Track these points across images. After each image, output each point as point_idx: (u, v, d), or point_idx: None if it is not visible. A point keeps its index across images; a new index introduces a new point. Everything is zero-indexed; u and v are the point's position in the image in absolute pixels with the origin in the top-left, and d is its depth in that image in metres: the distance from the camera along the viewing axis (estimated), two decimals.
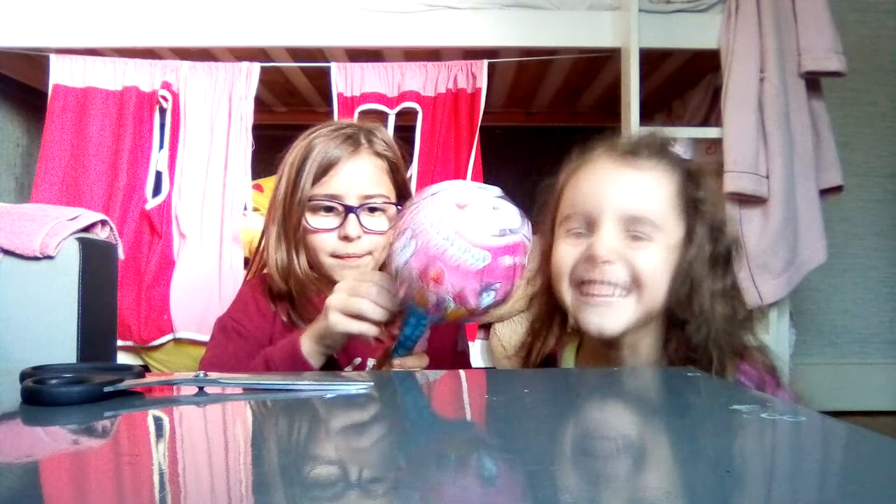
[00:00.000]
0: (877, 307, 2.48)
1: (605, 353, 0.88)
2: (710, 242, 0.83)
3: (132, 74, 1.93)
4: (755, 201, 1.74)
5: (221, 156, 1.88)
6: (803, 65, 1.80)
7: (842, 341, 2.42)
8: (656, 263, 0.81)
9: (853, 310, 2.46)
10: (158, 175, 1.92)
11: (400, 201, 1.06)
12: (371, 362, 0.97)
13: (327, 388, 0.63)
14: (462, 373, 0.79)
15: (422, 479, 0.39)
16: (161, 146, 1.93)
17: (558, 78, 2.26)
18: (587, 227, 0.83)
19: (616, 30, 1.85)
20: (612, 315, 0.82)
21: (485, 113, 1.92)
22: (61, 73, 1.91)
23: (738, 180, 1.72)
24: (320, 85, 2.17)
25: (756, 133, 1.75)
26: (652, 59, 1.90)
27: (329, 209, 1.01)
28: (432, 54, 1.98)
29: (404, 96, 1.94)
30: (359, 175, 1.01)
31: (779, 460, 0.45)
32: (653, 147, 0.86)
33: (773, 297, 1.73)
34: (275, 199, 1.04)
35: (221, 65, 1.93)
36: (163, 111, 1.93)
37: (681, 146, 0.89)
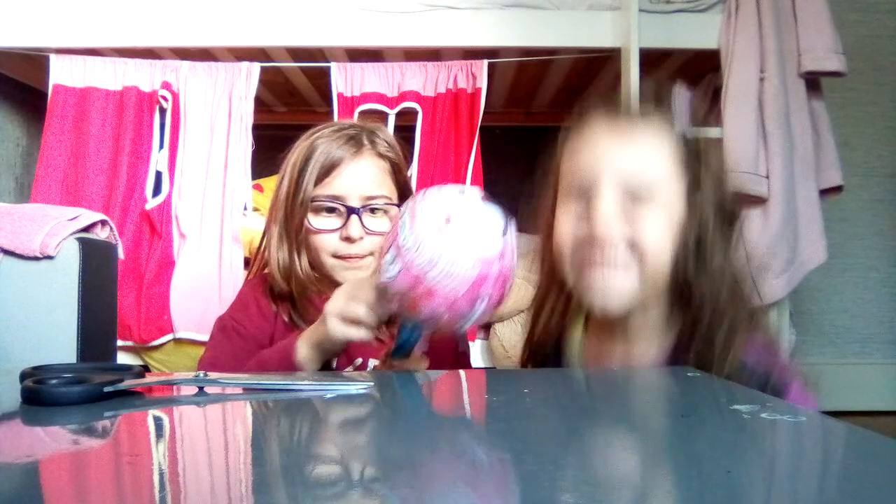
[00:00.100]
0: (877, 307, 2.48)
1: (611, 328, 0.86)
2: (714, 201, 0.81)
3: (132, 74, 1.93)
4: (755, 201, 1.74)
5: (221, 156, 1.88)
6: (803, 65, 1.80)
7: (842, 341, 2.42)
8: (659, 227, 0.79)
9: (853, 310, 2.46)
10: (158, 175, 1.92)
11: (402, 202, 1.06)
12: (372, 363, 0.97)
13: (327, 388, 0.63)
14: (462, 373, 0.79)
15: (422, 479, 0.39)
16: (161, 146, 1.93)
17: (558, 78, 2.25)
18: (587, 193, 0.81)
19: (616, 30, 1.85)
20: (616, 290, 0.79)
21: (485, 113, 1.92)
22: (61, 73, 1.91)
23: (737, 180, 1.72)
24: (320, 85, 2.17)
25: (756, 133, 1.75)
26: (652, 59, 1.90)
27: (331, 210, 1.01)
28: (432, 54, 1.98)
29: (404, 96, 1.94)
30: (361, 176, 1.01)
31: (779, 460, 0.45)
32: (650, 106, 0.83)
33: (773, 297, 1.73)
34: (276, 200, 1.04)
35: (221, 65, 1.93)
36: (163, 111, 1.93)
37: (682, 90, 0.85)
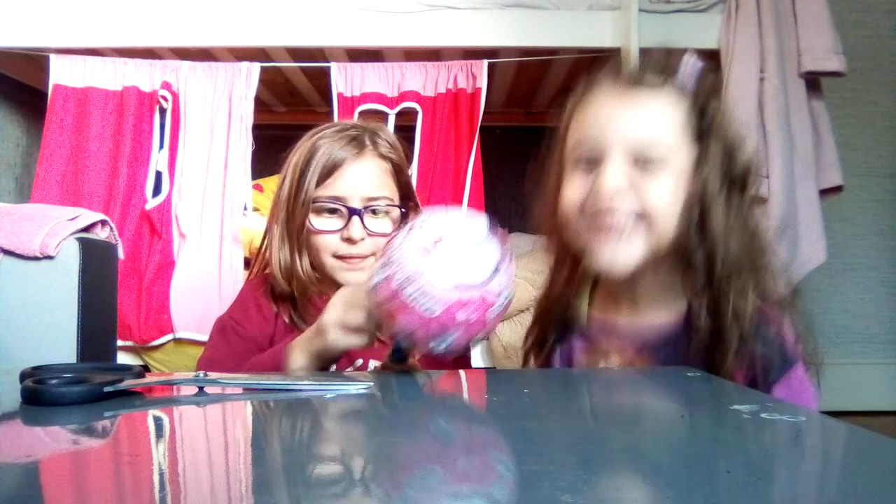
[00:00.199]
0: (877, 307, 2.48)
1: (616, 296, 0.86)
2: (723, 163, 0.79)
3: (132, 74, 1.93)
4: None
5: (221, 156, 1.88)
6: (803, 65, 1.80)
7: (842, 341, 2.42)
8: (666, 195, 0.78)
9: (853, 310, 2.46)
10: (158, 175, 1.92)
11: (403, 203, 1.06)
12: (373, 363, 0.97)
13: (327, 388, 0.63)
14: (462, 373, 0.79)
15: (422, 479, 0.39)
16: (161, 146, 1.93)
17: (558, 78, 2.26)
18: (594, 160, 0.80)
19: (616, 30, 1.85)
20: (622, 251, 0.79)
21: (485, 113, 1.92)
22: (61, 73, 1.91)
23: None
24: (320, 85, 2.17)
25: (756, 133, 1.75)
26: None
27: (333, 211, 1.01)
28: (432, 54, 1.98)
29: (404, 96, 1.94)
30: (363, 177, 1.01)
31: (779, 460, 0.45)
32: (659, 69, 0.82)
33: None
34: (278, 200, 1.04)
35: (221, 65, 1.93)
36: (163, 111, 1.93)
37: (691, 61, 0.84)
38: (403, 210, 1.05)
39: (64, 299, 1.21)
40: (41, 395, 0.54)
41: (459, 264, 0.65)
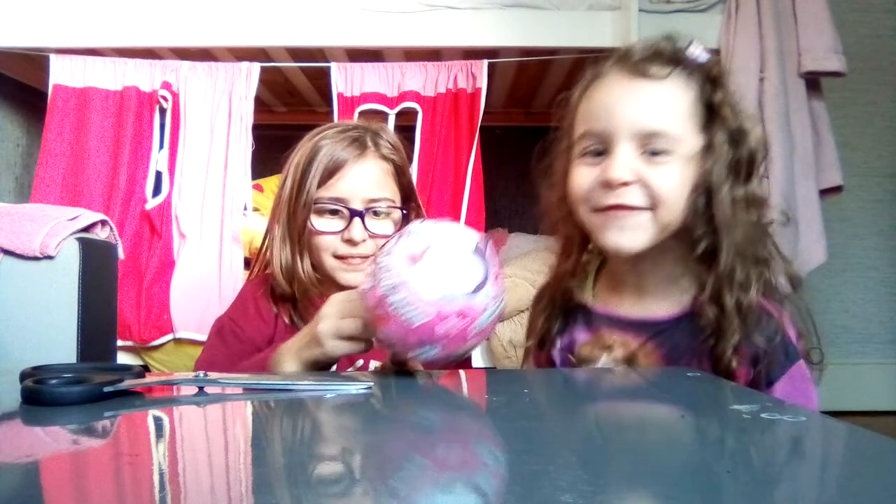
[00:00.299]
0: (877, 307, 2.48)
1: (622, 282, 0.87)
2: (730, 148, 0.80)
3: (132, 74, 1.93)
4: None
5: (221, 156, 1.88)
6: (803, 65, 1.80)
7: (842, 341, 2.42)
8: (674, 180, 0.78)
9: (853, 310, 2.46)
10: (158, 175, 1.92)
11: (405, 204, 1.06)
12: (373, 364, 0.97)
13: (327, 388, 0.63)
14: (462, 373, 0.79)
15: (422, 479, 0.39)
16: (161, 146, 1.93)
17: (558, 78, 2.25)
18: (602, 146, 0.80)
19: (616, 30, 1.85)
20: (630, 233, 0.79)
21: (485, 113, 1.92)
22: (61, 73, 1.91)
23: None
24: (320, 85, 2.17)
25: None
26: None
27: (334, 212, 1.01)
28: (432, 54, 1.98)
29: (404, 96, 1.94)
30: (364, 178, 1.01)
31: (779, 460, 0.45)
32: (666, 54, 0.82)
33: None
34: (279, 200, 1.04)
35: (221, 65, 1.93)
36: (163, 111, 1.93)
37: (698, 47, 0.85)
38: (405, 211, 1.05)
39: (64, 299, 1.21)
40: (41, 395, 0.54)
41: (443, 277, 0.65)
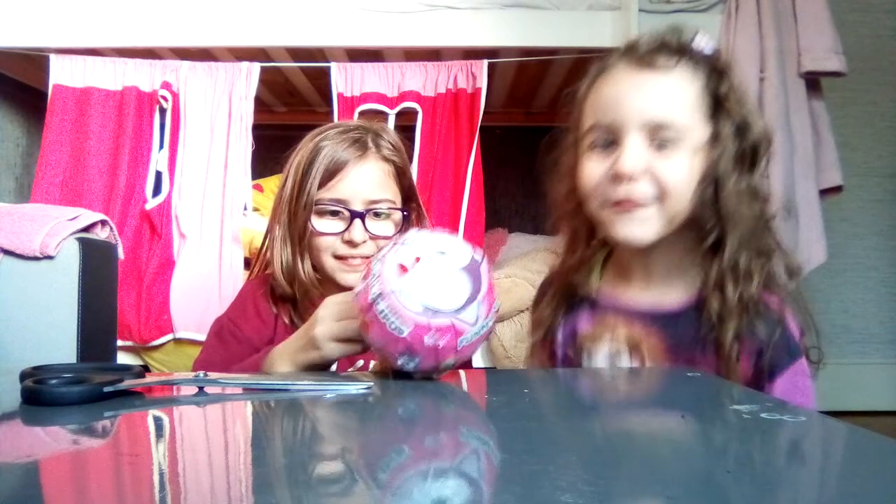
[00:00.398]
0: (877, 307, 2.48)
1: (630, 269, 0.88)
2: (735, 140, 0.81)
3: (132, 74, 1.93)
4: None
5: (221, 156, 1.88)
6: (803, 65, 1.80)
7: (842, 341, 2.42)
8: (682, 171, 0.79)
9: (853, 310, 2.47)
10: (158, 175, 1.92)
11: (405, 205, 1.06)
12: (374, 364, 0.97)
13: (327, 388, 0.63)
14: (462, 373, 0.79)
15: (421, 479, 0.39)
16: (161, 146, 1.93)
17: (558, 78, 2.25)
18: (610, 139, 0.81)
19: (616, 30, 1.85)
20: (640, 225, 0.80)
21: (485, 113, 1.92)
22: (61, 73, 1.91)
23: None
24: (320, 85, 2.17)
25: None
26: None
27: (334, 213, 1.01)
28: (432, 54, 1.98)
29: (404, 96, 1.94)
30: (365, 180, 1.01)
31: (779, 460, 0.45)
32: (673, 46, 0.83)
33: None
34: (280, 200, 1.04)
35: (221, 65, 1.93)
36: (163, 111, 1.93)
37: (705, 38, 0.85)
38: (405, 212, 1.05)
39: (64, 299, 1.21)
40: (41, 395, 0.54)
41: (429, 291, 0.65)
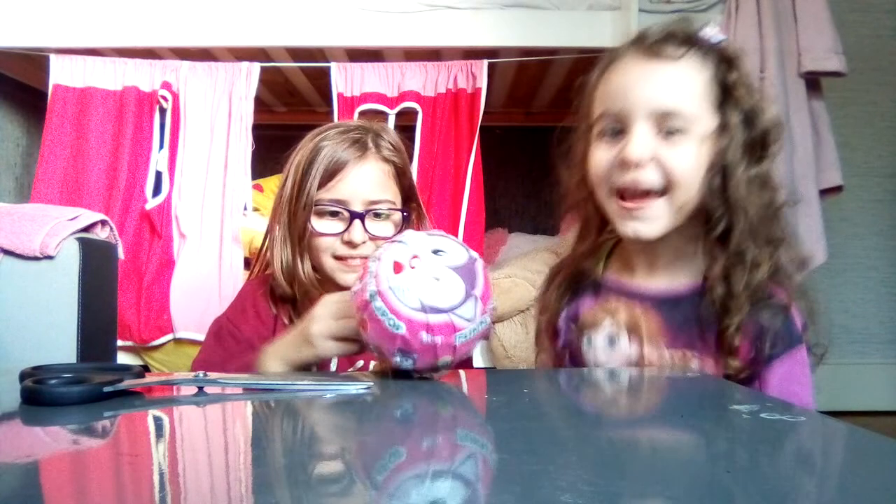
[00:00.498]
0: (877, 307, 2.48)
1: (636, 256, 0.88)
2: (744, 129, 0.81)
3: (132, 74, 1.93)
4: None
5: (221, 156, 1.88)
6: (803, 65, 1.80)
7: (842, 341, 2.42)
8: (690, 160, 0.80)
9: (853, 310, 2.47)
10: (158, 175, 1.92)
11: (405, 205, 1.06)
12: (374, 365, 0.97)
13: (327, 388, 0.63)
14: (462, 373, 0.79)
15: (421, 479, 0.39)
16: (161, 146, 1.93)
17: (558, 78, 2.25)
18: (619, 127, 0.82)
19: (616, 30, 1.85)
20: (649, 223, 0.81)
21: (485, 113, 1.92)
22: (61, 73, 1.91)
23: None
24: (320, 85, 2.17)
25: None
26: None
27: (334, 213, 1.01)
28: (432, 54, 1.98)
29: (404, 96, 1.94)
30: (365, 180, 1.01)
31: (779, 460, 0.45)
32: (682, 36, 0.84)
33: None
34: (280, 201, 1.03)
35: (221, 65, 1.93)
36: (163, 111, 1.93)
37: (714, 28, 0.85)
38: (405, 213, 1.05)
39: (64, 299, 1.21)
40: (41, 395, 0.54)
41: (422, 290, 0.65)
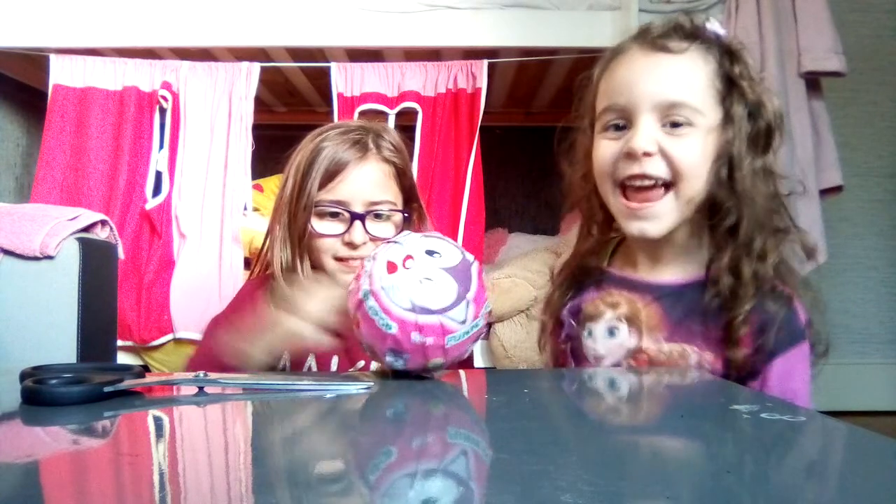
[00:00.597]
0: (877, 307, 2.48)
1: (640, 251, 0.89)
2: (749, 120, 0.82)
3: (132, 74, 1.93)
4: None
5: (221, 156, 1.88)
6: (803, 65, 1.80)
7: (842, 341, 2.42)
8: (696, 152, 0.80)
9: (853, 310, 2.46)
10: (158, 175, 1.91)
11: (406, 206, 1.06)
12: (375, 365, 0.97)
13: (327, 388, 0.63)
14: (462, 373, 0.79)
15: (422, 479, 0.39)
16: (161, 146, 1.93)
17: (558, 78, 2.25)
18: (624, 120, 0.82)
19: (616, 30, 1.85)
20: (655, 222, 0.82)
21: (485, 113, 1.92)
22: (61, 73, 1.91)
23: None
24: (320, 85, 2.16)
25: None
26: None
27: (334, 214, 1.01)
28: (432, 54, 1.98)
29: (404, 96, 1.93)
30: (365, 181, 1.01)
31: (779, 460, 0.45)
32: (685, 29, 0.84)
33: None
34: (280, 201, 1.03)
35: (221, 65, 1.93)
36: (163, 111, 1.93)
37: (717, 23, 0.85)
38: (406, 214, 1.05)
39: (64, 299, 1.21)
40: (41, 395, 0.54)
41: (414, 291, 0.66)
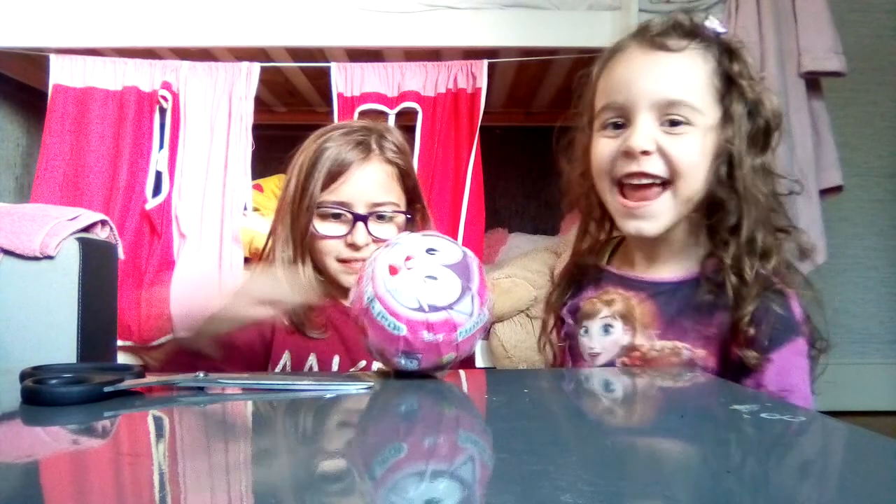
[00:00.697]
0: (877, 307, 2.48)
1: (637, 248, 0.89)
2: (748, 118, 0.82)
3: (132, 74, 1.93)
4: None
5: (221, 156, 1.88)
6: (803, 65, 1.80)
7: (841, 341, 2.42)
8: (694, 151, 0.80)
9: (853, 310, 2.46)
10: (158, 175, 1.92)
11: (409, 207, 1.06)
12: (375, 365, 0.97)
13: (327, 388, 0.63)
14: (462, 373, 0.79)
15: (420, 479, 0.39)
16: (161, 146, 1.93)
17: (558, 78, 2.25)
18: (623, 118, 0.82)
19: (616, 30, 1.85)
20: (653, 221, 0.82)
21: (485, 113, 1.92)
22: (61, 73, 1.91)
23: None
24: (320, 85, 2.16)
25: None
26: None
27: (337, 216, 1.01)
28: (432, 54, 1.98)
29: (404, 96, 1.94)
30: (368, 182, 1.01)
31: (779, 460, 0.45)
32: (684, 27, 0.84)
33: None
34: (283, 202, 1.03)
35: (221, 65, 1.93)
36: (163, 111, 1.93)
37: (716, 20, 0.85)
38: (409, 215, 1.05)
39: (64, 299, 1.21)
40: (41, 395, 0.54)
41: (418, 290, 0.66)
